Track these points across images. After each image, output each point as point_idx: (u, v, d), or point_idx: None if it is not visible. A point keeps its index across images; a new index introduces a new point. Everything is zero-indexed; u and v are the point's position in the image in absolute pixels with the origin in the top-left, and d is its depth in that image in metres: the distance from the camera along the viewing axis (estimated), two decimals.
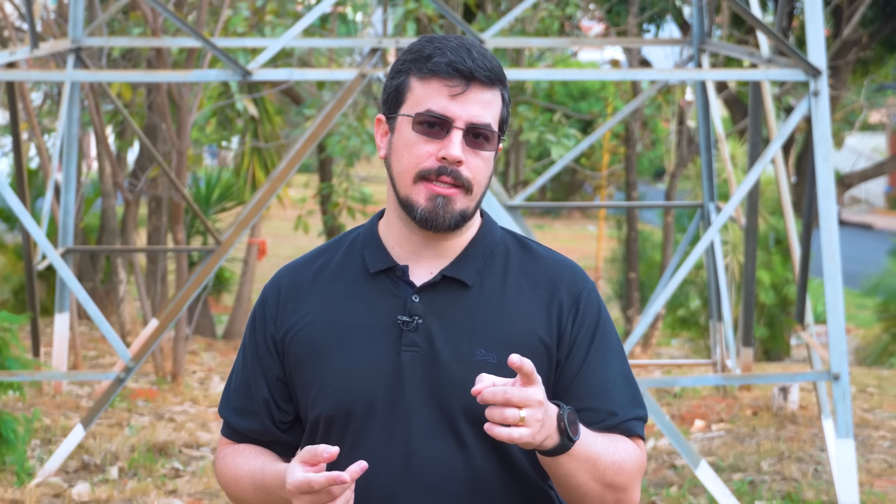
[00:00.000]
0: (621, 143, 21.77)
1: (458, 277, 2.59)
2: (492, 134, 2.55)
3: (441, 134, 2.53)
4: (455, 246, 2.62)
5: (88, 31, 9.47)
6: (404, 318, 2.56)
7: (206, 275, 8.19)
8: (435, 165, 2.53)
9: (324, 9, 8.07)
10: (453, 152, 2.52)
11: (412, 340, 2.56)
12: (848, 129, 23.49)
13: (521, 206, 9.11)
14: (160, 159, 9.29)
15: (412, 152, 2.55)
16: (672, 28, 19.05)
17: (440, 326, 2.56)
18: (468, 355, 2.55)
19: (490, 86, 2.55)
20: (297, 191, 22.46)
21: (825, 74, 7.47)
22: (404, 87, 2.57)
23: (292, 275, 2.68)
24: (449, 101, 2.53)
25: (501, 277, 2.62)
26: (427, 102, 2.54)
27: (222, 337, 16.49)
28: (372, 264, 2.61)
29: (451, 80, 2.53)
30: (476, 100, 2.54)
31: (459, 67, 2.53)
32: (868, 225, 34.27)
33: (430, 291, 2.59)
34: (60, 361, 9.65)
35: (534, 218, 32.14)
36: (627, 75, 10.15)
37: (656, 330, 16.41)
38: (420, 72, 2.55)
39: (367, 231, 2.67)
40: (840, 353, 7.40)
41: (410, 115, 2.55)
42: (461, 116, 2.53)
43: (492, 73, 2.55)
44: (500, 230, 2.68)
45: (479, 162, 2.55)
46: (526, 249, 2.67)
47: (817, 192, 7.46)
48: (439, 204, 2.53)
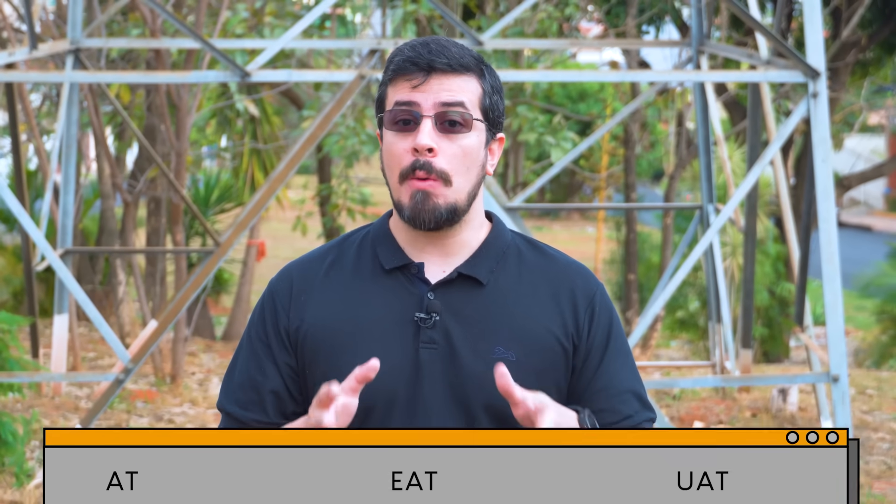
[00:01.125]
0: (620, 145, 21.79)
1: (473, 275, 2.59)
2: (467, 116, 2.55)
3: (413, 128, 2.55)
4: (464, 244, 2.62)
5: (87, 32, 9.46)
6: (421, 315, 2.56)
7: (205, 276, 8.18)
8: (409, 161, 2.55)
9: (322, 10, 8.07)
10: (421, 140, 2.52)
11: (430, 337, 2.55)
12: (847, 130, 23.51)
13: (520, 208, 9.11)
14: (159, 160, 9.29)
15: (391, 153, 2.57)
16: (671, 30, 19.05)
17: (457, 324, 2.56)
18: (486, 352, 2.55)
19: (454, 73, 2.56)
20: (297, 192, 22.45)
21: (824, 76, 7.47)
22: (383, 96, 2.61)
23: (303, 269, 2.66)
24: (411, 91, 2.55)
25: (516, 277, 2.62)
26: (395, 99, 2.57)
27: (221, 338, 16.47)
28: (387, 261, 2.61)
29: (411, 73, 2.55)
30: (440, 87, 2.55)
31: (416, 61, 2.55)
32: (867, 227, 34.27)
33: (446, 289, 2.59)
34: (59, 363, 9.64)
35: (533, 219, 32.14)
36: (626, 77, 10.15)
37: (655, 332, 16.41)
38: (388, 76, 2.60)
39: (378, 229, 2.67)
40: (839, 354, 7.40)
41: (383, 115, 2.59)
42: (427, 103, 2.54)
43: (453, 60, 2.55)
44: (511, 233, 2.69)
45: (455, 150, 2.55)
46: (538, 250, 2.67)
47: (816, 194, 7.46)
48: (418, 200, 2.53)
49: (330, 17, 15.22)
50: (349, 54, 16.61)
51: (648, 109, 16.51)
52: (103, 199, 13.54)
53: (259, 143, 16.74)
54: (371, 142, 13.46)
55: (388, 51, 9.16)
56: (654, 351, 17.20)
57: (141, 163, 14.22)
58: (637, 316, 17.06)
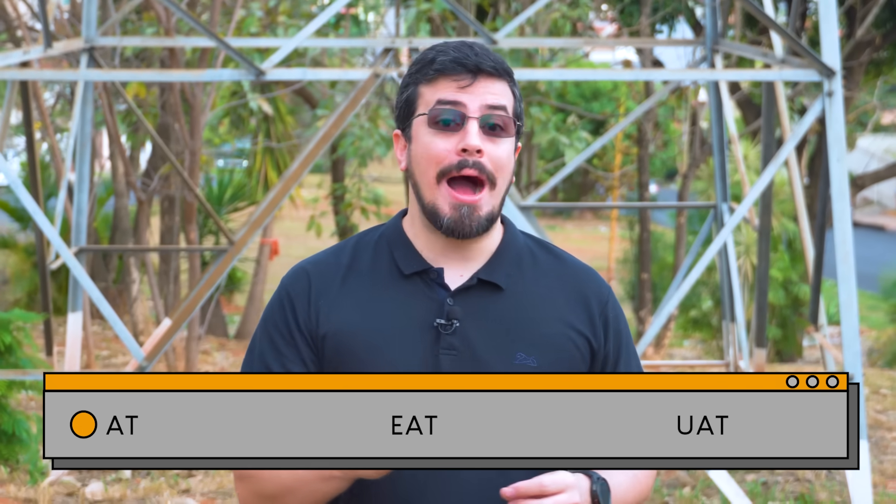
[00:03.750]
0: (634, 144, 21.77)
1: (492, 280, 2.57)
2: (508, 120, 2.53)
3: (457, 128, 2.51)
4: (482, 249, 2.59)
5: (101, 30, 9.48)
6: (441, 321, 2.53)
7: (218, 274, 8.19)
8: (455, 160, 2.50)
9: (337, 9, 8.07)
10: (471, 141, 2.49)
11: (450, 343, 2.52)
12: (860, 130, 23.45)
13: (533, 207, 9.10)
14: (173, 159, 9.31)
15: (430, 152, 2.52)
16: (685, 28, 19.03)
17: (477, 330, 2.54)
18: (508, 358, 2.52)
19: (497, 77, 2.54)
20: (310, 191, 22.49)
21: (839, 75, 7.46)
22: (414, 96, 2.56)
23: (319, 271, 2.61)
24: (458, 91, 2.52)
25: (533, 281, 2.60)
26: (436, 98, 2.53)
27: (234, 337, 16.50)
28: (406, 266, 2.57)
29: (458, 74, 2.52)
30: (485, 90, 2.52)
31: (464, 62, 2.52)
32: (880, 226, 34.21)
33: (465, 294, 2.56)
34: (73, 361, 9.65)
35: (546, 219, 32.12)
36: (640, 75, 10.14)
37: (669, 331, 16.40)
38: (426, 76, 2.55)
39: (393, 232, 2.63)
40: (853, 354, 7.38)
41: (424, 114, 2.53)
42: (473, 105, 2.51)
43: (497, 65, 2.54)
44: (522, 234, 2.67)
45: (499, 153, 2.52)
46: (548, 252, 2.66)
47: (831, 194, 7.44)
48: (464, 213, 2.50)
49: (344, 17, 15.23)
50: (363, 53, 16.63)
51: (661, 108, 16.49)
52: (117, 197, 13.57)
53: (273, 142, 16.76)
54: (385, 143, 13.46)
55: (402, 50, 9.16)
56: (668, 350, 17.19)
57: (155, 161, 14.25)
58: (650, 315, 17.04)
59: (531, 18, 13.53)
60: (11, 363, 7.82)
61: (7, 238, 17.38)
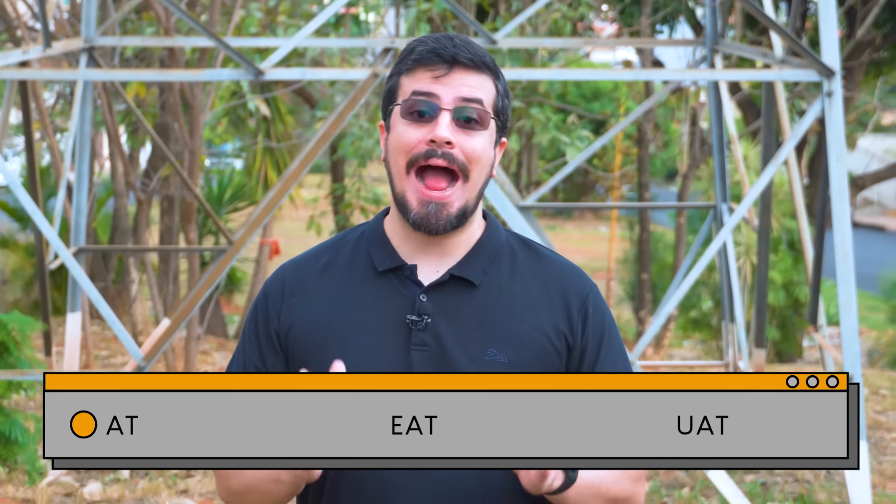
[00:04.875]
0: (634, 144, 21.76)
1: (465, 277, 2.57)
2: (484, 114, 2.53)
3: (430, 119, 2.51)
4: (459, 244, 2.60)
5: (101, 30, 9.47)
6: (413, 317, 2.54)
7: (217, 274, 8.18)
8: (423, 149, 2.51)
9: (336, 9, 8.06)
10: (440, 133, 2.49)
11: (421, 340, 2.53)
12: (861, 130, 23.44)
13: (533, 207, 9.09)
14: (172, 159, 9.30)
15: (401, 141, 2.52)
16: (685, 29, 19.03)
17: (449, 326, 2.54)
18: (479, 354, 2.53)
19: (475, 70, 2.53)
20: (310, 191, 22.48)
21: (839, 75, 7.45)
22: (395, 86, 2.58)
23: (296, 270, 2.64)
24: (432, 82, 2.52)
25: (509, 278, 2.60)
26: (412, 88, 2.54)
27: (234, 337, 16.49)
28: (380, 263, 2.59)
29: (434, 65, 2.52)
30: (461, 83, 2.52)
31: (440, 52, 2.52)
32: (880, 227, 34.19)
33: (438, 290, 2.56)
34: (72, 361, 9.64)
35: (545, 219, 32.11)
36: (640, 75, 10.13)
37: (668, 331, 16.39)
38: (406, 66, 2.56)
39: (373, 229, 2.64)
40: (853, 354, 7.37)
41: (398, 104, 2.54)
42: (446, 96, 2.51)
43: (476, 57, 2.53)
44: (505, 232, 2.66)
45: (473, 145, 2.52)
46: (531, 251, 2.65)
47: (831, 194, 7.43)
48: (431, 210, 2.51)
49: (344, 17, 15.22)
50: (363, 53, 16.62)
51: (661, 109, 16.48)
52: (116, 197, 13.56)
53: (272, 142, 16.75)
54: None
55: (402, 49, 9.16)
56: (667, 350, 17.18)
57: (154, 161, 14.24)
58: (650, 315, 17.03)
59: (531, 18, 13.53)
60: (10, 363, 7.80)
61: (7, 238, 17.38)
